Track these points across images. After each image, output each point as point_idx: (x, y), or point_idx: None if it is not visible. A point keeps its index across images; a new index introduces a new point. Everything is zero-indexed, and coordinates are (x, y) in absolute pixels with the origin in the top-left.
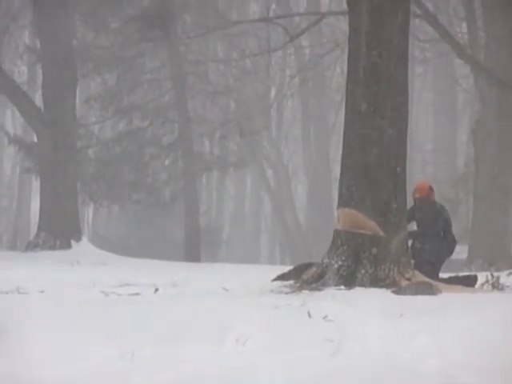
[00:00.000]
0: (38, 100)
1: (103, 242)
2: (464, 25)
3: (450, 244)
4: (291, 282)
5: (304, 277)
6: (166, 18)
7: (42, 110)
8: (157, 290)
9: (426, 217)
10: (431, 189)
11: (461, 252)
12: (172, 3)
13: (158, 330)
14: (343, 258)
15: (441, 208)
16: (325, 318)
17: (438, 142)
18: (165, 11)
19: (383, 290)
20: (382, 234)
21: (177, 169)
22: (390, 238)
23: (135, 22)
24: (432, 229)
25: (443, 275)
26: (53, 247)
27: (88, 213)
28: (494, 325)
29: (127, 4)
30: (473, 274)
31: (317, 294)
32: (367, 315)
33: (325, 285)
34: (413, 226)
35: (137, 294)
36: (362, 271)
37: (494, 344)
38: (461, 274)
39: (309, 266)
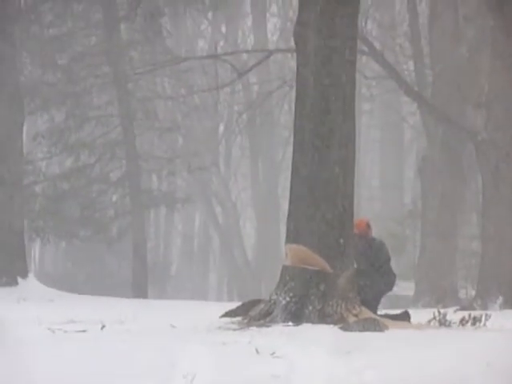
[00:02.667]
0: None
1: (50, 279)
2: (411, 62)
3: (389, 279)
4: (239, 318)
5: (252, 313)
6: (113, 55)
7: None
8: (103, 326)
9: (364, 253)
10: (368, 225)
11: (408, 288)
12: (119, 40)
13: (105, 367)
14: (291, 294)
15: (379, 244)
16: (272, 354)
17: (384, 178)
18: (112, 48)
19: (331, 326)
20: (329, 269)
21: (124, 205)
22: (338, 273)
23: (83, 58)
24: (371, 265)
25: (379, 312)
26: None
27: (35, 249)
28: (440, 361)
29: (74, 41)
30: (404, 310)
31: (265, 330)
32: (315, 351)
33: (273, 321)
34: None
35: (84, 330)
36: (310, 307)
37: (441, 381)
38: (392, 312)
39: (257, 302)
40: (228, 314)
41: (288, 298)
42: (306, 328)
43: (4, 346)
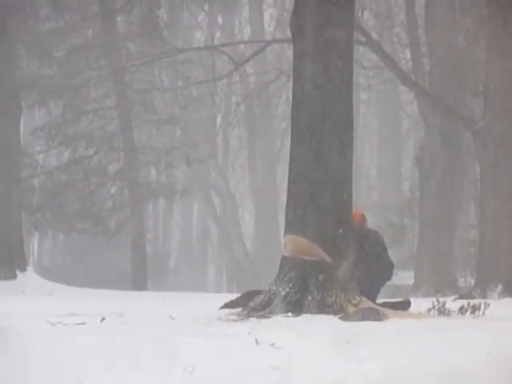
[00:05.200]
0: None
1: (49, 272)
2: (408, 51)
3: (387, 268)
4: (239, 309)
5: (251, 304)
6: (110, 47)
7: None
8: (103, 319)
9: (360, 244)
10: (363, 217)
11: (407, 278)
12: (116, 32)
13: (105, 360)
14: (290, 285)
15: (375, 234)
16: (272, 345)
17: (383, 167)
18: (109, 40)
19: (330, 316)
20: (328, 260)
21: (123, 197)
22: (337, 264)
23: (80, 51)
24: (367, 255)
25: (378, 301)
26: None
27: (33, 243)
28: (440, 350)
29: (71, 34)
30: (406, 299)
31: (264, 321)
32: (315, 342)
33: (272, 312)
34: None
35: (83, 323)
36: (310, 298)
37: (440, 369)
38: (393, 299)
39: (256, 293)
40: (227, 306)
41: (287, 289)
42: (306, 318)
43: (4, 339)
